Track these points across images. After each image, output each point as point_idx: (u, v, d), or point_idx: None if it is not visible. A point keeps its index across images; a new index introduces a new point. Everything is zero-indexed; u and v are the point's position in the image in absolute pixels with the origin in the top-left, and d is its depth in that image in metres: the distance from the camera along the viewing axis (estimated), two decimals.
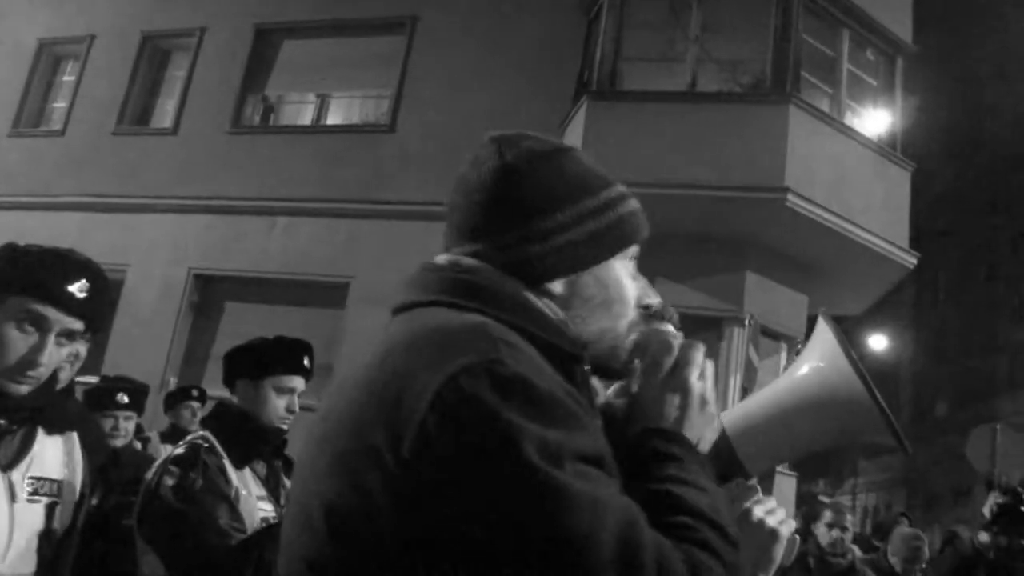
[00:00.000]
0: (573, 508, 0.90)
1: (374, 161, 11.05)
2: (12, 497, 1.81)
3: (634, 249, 1.22)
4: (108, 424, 4.24)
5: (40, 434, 1.90)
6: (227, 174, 11.56)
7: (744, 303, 9.44)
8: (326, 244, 10.91)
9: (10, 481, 1.81)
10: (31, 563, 1.81)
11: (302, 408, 2.83)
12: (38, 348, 1.75)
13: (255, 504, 2.66)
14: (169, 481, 2.52)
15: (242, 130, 12.09)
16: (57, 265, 1.81)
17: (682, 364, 1.17)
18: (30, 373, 1.74)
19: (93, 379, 11.26)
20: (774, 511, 1.32)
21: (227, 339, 11.40)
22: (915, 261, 9.99)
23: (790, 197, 8.62)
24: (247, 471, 2.71)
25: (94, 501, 2.72)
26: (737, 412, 1.31)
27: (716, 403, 1.17)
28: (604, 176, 1.22)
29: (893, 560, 5.58)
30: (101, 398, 4.41)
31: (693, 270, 9.41)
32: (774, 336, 9.85)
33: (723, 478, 1.22)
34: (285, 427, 2.83)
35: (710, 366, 1.19)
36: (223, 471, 2.61)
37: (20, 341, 1.74)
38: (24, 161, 13.05)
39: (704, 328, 9.57)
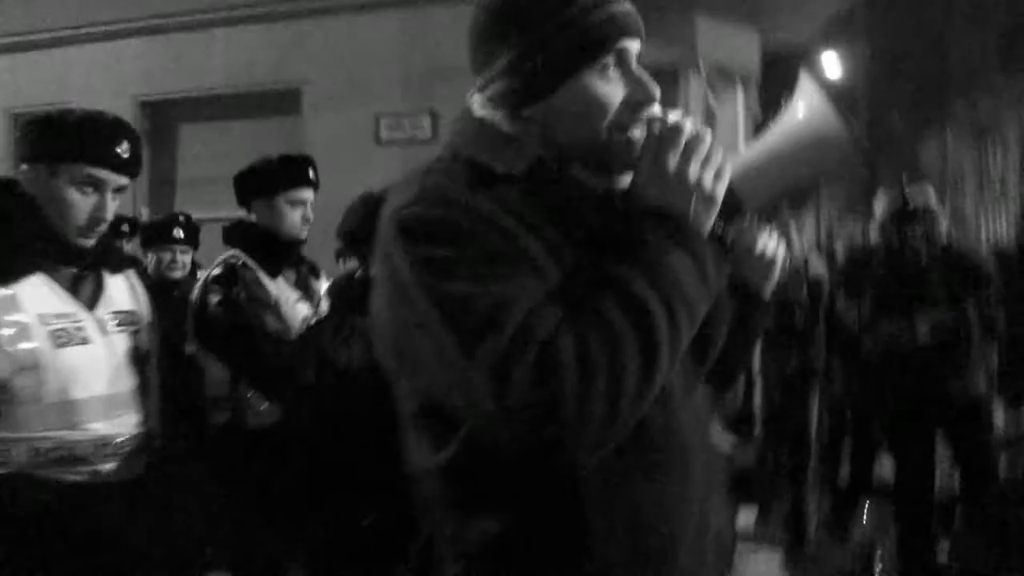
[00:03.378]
0: (444, 303, 1.15)
1: None
2: (103, 330, 2.04)
3: (610, 57, 1.35)
4: (166, 258, 4.40)
5: (106, 275, 2.15)
6: None
7: (698, 47, 9.44)
8: (271, 50, 10.63)
9: (96, 318, 2.07)
10: (128, 382, 2.10)
11: None
12: (101, 206, 2.02)
13: (295, 307, 2.95)
14: (214, 298, 2.79)
15: None
16: (103, 130, 2.02)
17: (665, 143, 1.33)
18: (97, 229, 2.00)
19: None
20: (770, 241, 1.59)
21: (188, 162, 11.37)
22: None
23: None
24: (280, 279, 2.97)
25: None
26: (736, 159, 1.51)
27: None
28: None
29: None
30: (160, 232, 4.56)
31: (644, 23, 9.34)
32: (729, 76, 9.92)
33: (727, 216, 1.44)
34: (304, 236, 3.07)
35: (713, 150, 1.35)
36: (260, 283, 2.86)
37: (83, 202, 2.01)
38: None
39: (661, 79, 9.65)
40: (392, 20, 10.01)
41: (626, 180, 1.36)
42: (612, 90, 1.33)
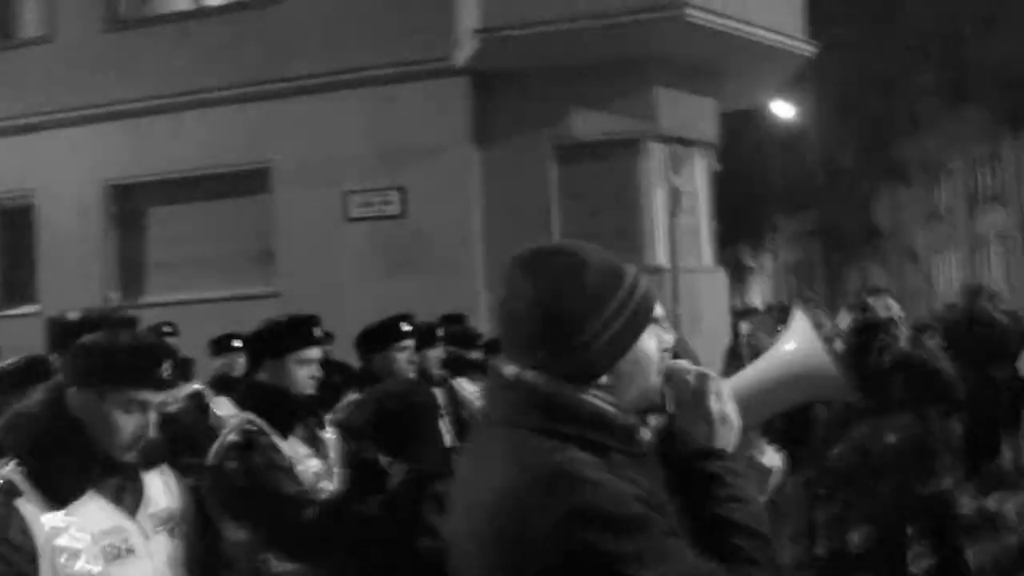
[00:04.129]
0: None
1: (271, 37, 10.66)
2: (146, 535, 2.21)
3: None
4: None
5: (143, 476, 2.26)
6: (117, 76, 11.08)
7: (658, 118, 9.76)
8: (239, 131, 10.73)
9: (139, 524, 2.18)
10: None
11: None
12: (145, 425, 2.12)
13: (306, 463, 3.07)
14: (232, 465, 2.90)
15: (120, 26, 11.52)
16: (148, 355, 2.13)
17: (701, 393, 1.54)
18: (139, 445, 2.12)
19: (33, 308, 11.32)
20: (766, 454, 1.77)
21: (160, 245, 11.40)
22: (812, 49, 10.31)
23: (689, 12, 8.78)
24: (291, 437, 3.09)
25: None
26: (737, 386, 1.68)
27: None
28: (616, 265, 1.51)
29: None
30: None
31: (604, 96, 9.67)
32: (688, 144, 10.21)
33: None
34: (312, 391, 3.20)
35: (724, 386, 1.55)
36: (275, 447, 2.98)
37: (128, 422, 2.11)
38: None
39: (622, 149, 9.95)
40: (359, 99, 10.20)
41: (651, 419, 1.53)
42: (654, 342, 1.51)
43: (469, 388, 5.61)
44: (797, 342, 1.70)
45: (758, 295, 36.25)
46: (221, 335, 6.14)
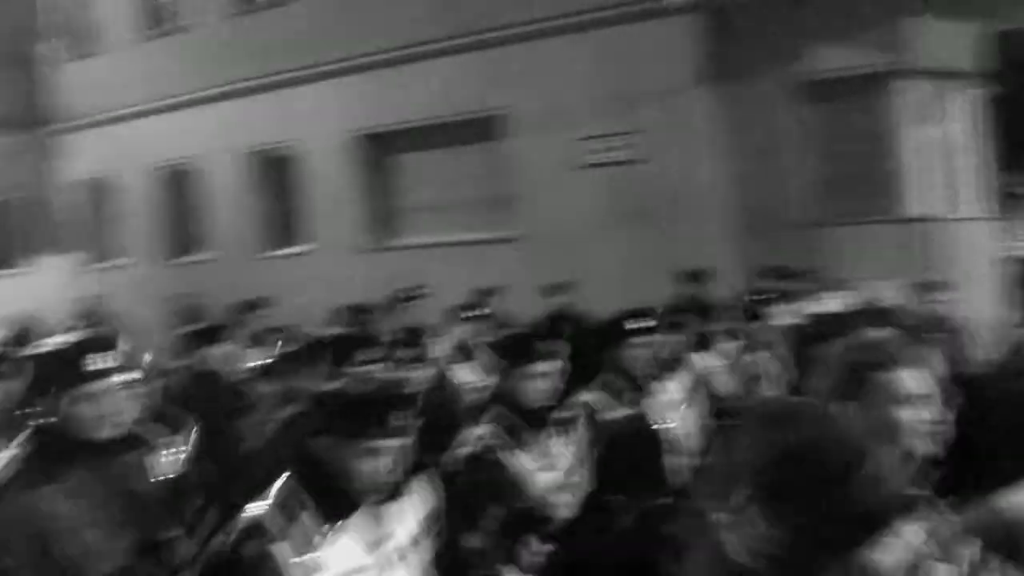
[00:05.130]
0: None
1: None
2: (384, 570, 2.40)
3: None
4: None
5: (387, 507, 2.45)
6: (357, 30, 11.58)
7: (914, 48, 8.88)
8: (474, 79, 10.91)
9: (378, 559, 2.39)
10: None
11: None
12: (383, 470, 2.34)
13: (540, 477, 3.28)
14: (464, 477, 3.12)
15: None
16: (381, 405, 2.32)
17: None
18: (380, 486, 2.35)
19: (299, 249, 12.30)
20: None
21: (406, 192, 12.00)
22: None
23: None
24: (526, 449, 3.32)
25: None
26: None
27: None
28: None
29: None
30: None
31: (852, 27, 8.93)
32: (951, 77, 9.22)
33: None
34: (546, 403, 3.35)
35: None
36: (506, 461, 3.27)
37: (366, 467, 2.31)
38: (158, 66, 13.57)
39: (873, 85, 9.14)
40: (591, 42, 10.06)
41: None
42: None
43: (710, 363, 5.47)
44: None
45: None
46: (465, 303, 6.31)
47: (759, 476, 1.32)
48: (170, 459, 2.96)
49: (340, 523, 2.34)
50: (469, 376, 5.39)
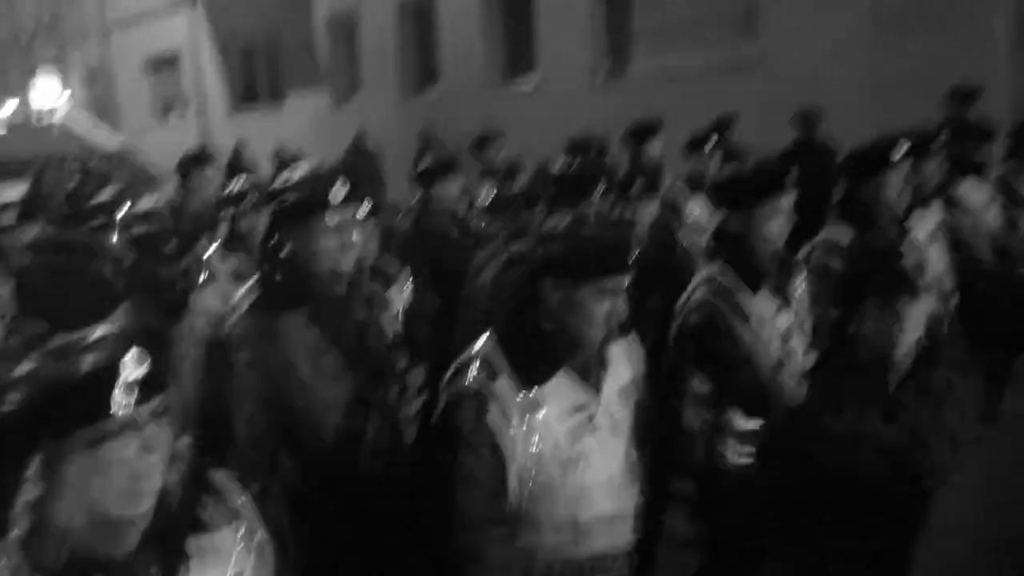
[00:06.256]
0: None
1: None
2: (610, 412, 2.27)
3: None
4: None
5: (608, 349, 2.31)
6: None
7: None
8: None
9: (606, 400, 2.27)
10: (631, 454, 2.33)
11: None
12: (616, 311, 2.18)
13: (776, 321, 3.03)
14: (694, 319, 2.98)
15: None
16: (615, 246, 2.19)
17: None
18: (613, 328, 2.21)
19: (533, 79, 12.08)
20: None
21: (644, 11, 11.27)
22: None
23: None
24: (761, 291, 3.03)
25: None
26: None
27: None
28: None
29: None
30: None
31: None
32: None
33: None
34: (781, 245, 3.05)
35: None
36: (738, 304, 3.00)
37: (601, 309, 2.16)
38: None
39: None
40: None
41: None
42: None
43: (976, 196, 4.79)
44: None
45: None
46: (695, 136, 5.88)
47: None
48: (406, 293, 2.95)
49: (538, 388, 2.19)
50: (701, 212, 5.07)
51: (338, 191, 2.59)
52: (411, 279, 3.08)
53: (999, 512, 4.12)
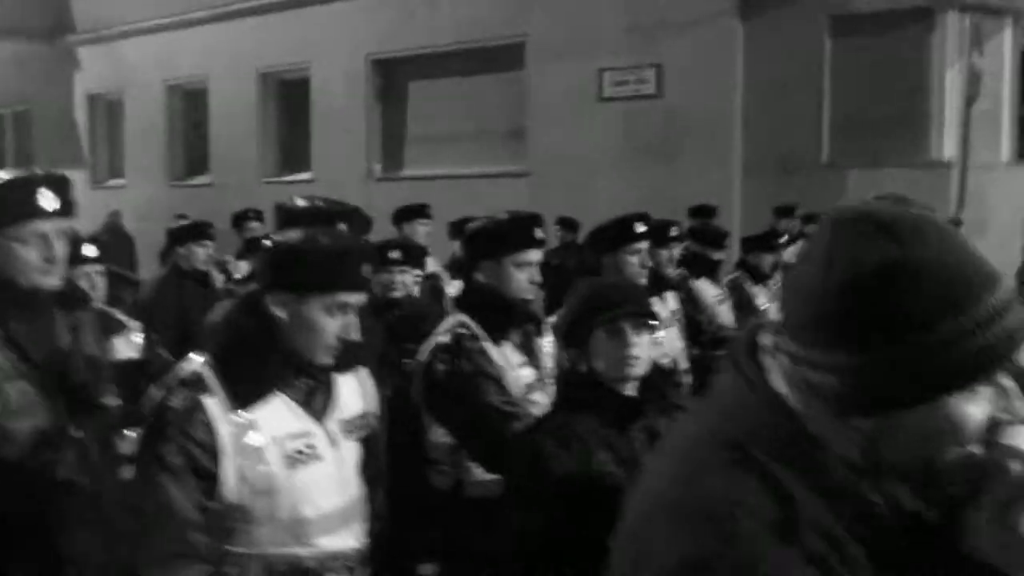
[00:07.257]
0: None
1: None
2: (334, 443, 2.14)
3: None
4: (385, 279, 4.44)
5: (335, 378, 2.19)
6: None
7: None
8: (495, 5, 10.57)
9: (328, 430, 2.12)
10: (356, 493, 2.21)
11: None
12: (348, 328, 2.06)
13: (518, 374, 2.92)
14: (441, 367, 2.83)
15: None
16: (351, 257, 2.04)
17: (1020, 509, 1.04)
18: (338, 347, 2.06)
19: (306, 176, 12.07)
20: None
21: (418, 120, 11.65)
22: None
23: None
24: (506, 344, 2.94)
25: None
26: None
27: None
28: (984, 271, 0.99)
29: None
30: (379, 254, 4.55)
31: None
32: (996, 13, 8.80)
33: None
34: (531, 297, 3.02)
35: None
36: (485, 354, 2.85)
37: (331, 325, 2.06)
38: None
39: (911, 21, 8.75)
40: None
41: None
42: (978, 410, 1.01)
43: (709, 292, 5.24)
44: None
45: None
46: (460, 218, 6.09)
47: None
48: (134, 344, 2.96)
49: (282, 383, 2.10)
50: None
51: (47, 196, 2.35)
52: (143, 335, 2.98)
53: None
